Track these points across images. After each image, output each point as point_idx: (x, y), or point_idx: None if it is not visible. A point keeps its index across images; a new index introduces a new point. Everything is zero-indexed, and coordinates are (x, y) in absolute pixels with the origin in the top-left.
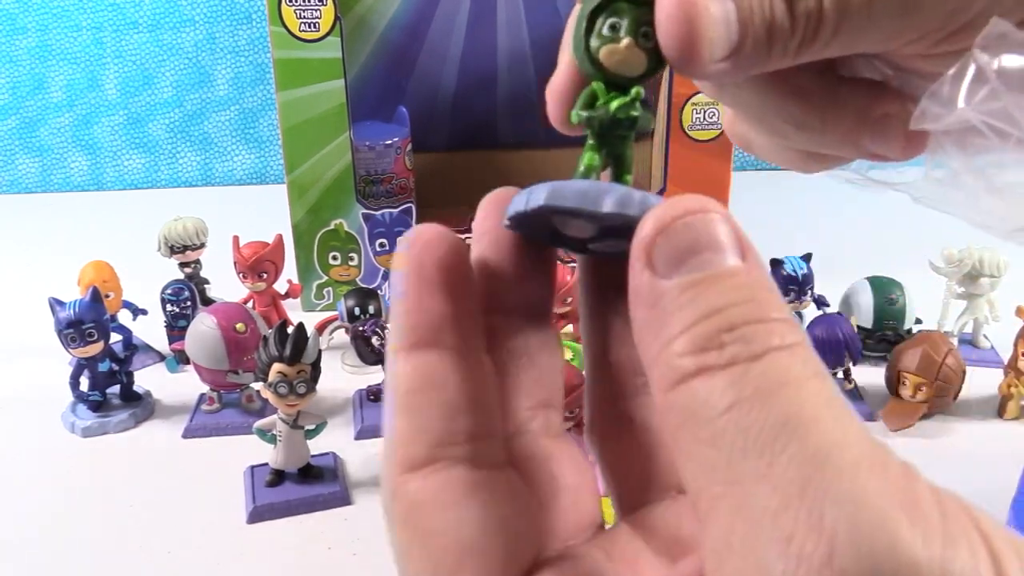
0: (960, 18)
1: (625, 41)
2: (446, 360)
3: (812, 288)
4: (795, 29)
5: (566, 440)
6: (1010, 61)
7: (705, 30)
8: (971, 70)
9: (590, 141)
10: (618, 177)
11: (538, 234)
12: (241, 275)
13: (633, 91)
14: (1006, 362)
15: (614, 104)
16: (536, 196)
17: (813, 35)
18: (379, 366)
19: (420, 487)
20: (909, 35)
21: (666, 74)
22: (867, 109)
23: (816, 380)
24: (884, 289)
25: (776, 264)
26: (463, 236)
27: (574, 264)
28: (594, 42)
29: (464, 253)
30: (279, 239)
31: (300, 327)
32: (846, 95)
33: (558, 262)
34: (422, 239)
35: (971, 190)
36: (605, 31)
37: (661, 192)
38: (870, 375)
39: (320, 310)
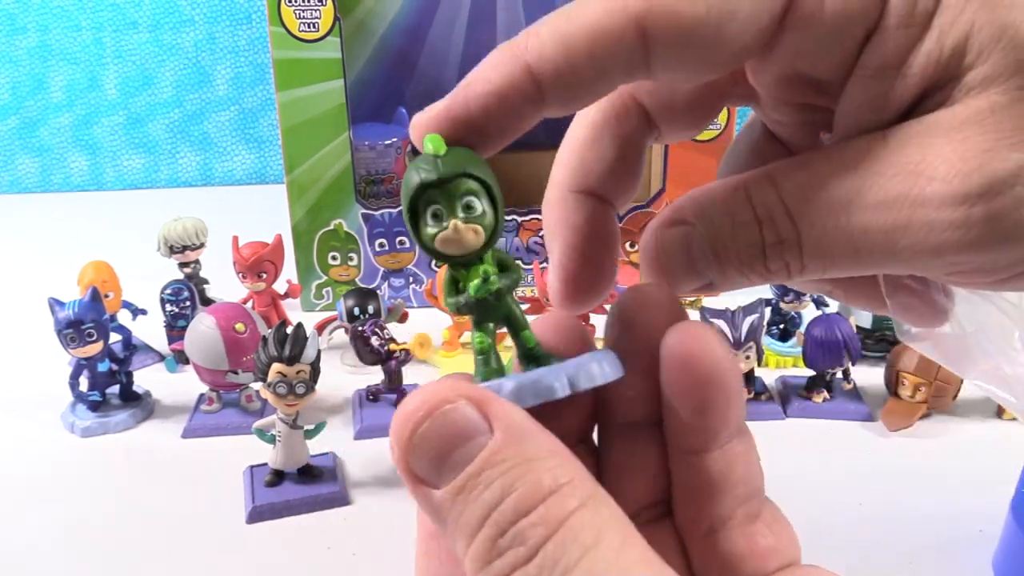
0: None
1: (452, 224)
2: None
3: None
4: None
5: None
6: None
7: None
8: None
9: (474, 320)
10: (516, 335)
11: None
12: (240, 275)
13: (481, 269)
14: None
15: (472, 288)
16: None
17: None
18: (378, 366)
19: None
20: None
21: None
22: (881, 297)
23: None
24: None
25: None
26: None
27: None
28: (424, 232)
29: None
30: (278, 239)
31: (299, 327)
32: (860, 283)
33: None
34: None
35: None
36: (430, 220)
37: (660, 192)
38: (869, 375)
39: (319, 310)
